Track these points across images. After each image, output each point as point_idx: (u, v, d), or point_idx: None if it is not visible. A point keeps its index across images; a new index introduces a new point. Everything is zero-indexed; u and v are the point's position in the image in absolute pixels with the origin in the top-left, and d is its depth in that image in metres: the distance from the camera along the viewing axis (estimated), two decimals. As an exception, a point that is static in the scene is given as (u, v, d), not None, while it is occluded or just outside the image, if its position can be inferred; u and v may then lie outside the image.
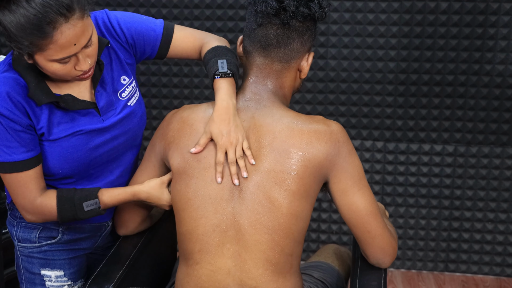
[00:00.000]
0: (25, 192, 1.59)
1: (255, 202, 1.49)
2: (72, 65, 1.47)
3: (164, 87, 3.01)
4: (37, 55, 1.43)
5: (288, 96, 1.63)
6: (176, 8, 2.92)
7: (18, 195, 1.60)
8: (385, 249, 1.59)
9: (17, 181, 1.58)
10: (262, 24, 1.54)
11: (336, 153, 1.52)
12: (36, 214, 1.63)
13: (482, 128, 2.87)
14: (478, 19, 2.75)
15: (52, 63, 1.44)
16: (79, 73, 1.50)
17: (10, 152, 1.54)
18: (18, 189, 1.59)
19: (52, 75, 1.50)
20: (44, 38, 1.39)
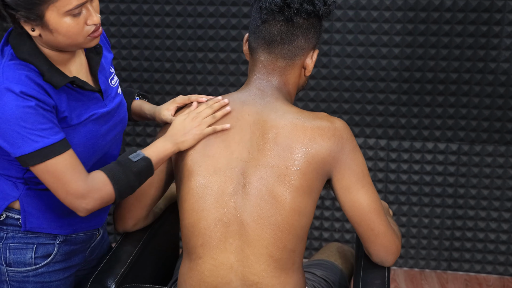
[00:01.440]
0: (75, 174, 1.46)
1: (258, 197, 1.50)
2: (83, 22, 1.44)
3: (167, 84, 3.01)
4: (48, 11, 1.38)
5: (293, 93, 1.63)
6: (179, 5, 2.91)
7: (69, 182, 1.46)
8: (388, 247, 1.58)
9: (64, 166, 1.46)
10: (266, 21, 1.55)
11: (339, 150, 1.52)
12: (92, 195, 1.48)
13: (486, 127, 2.86)
14: (483, 17, 2.74)
15: (65, 19, 1.41)
16: (91, 29, 1.46)
17: (47, 134, 1.43)
18: (68, 174, 1.46)
19: (65, 39, 1.44)
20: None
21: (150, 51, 2.98)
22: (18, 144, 1.42)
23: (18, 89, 1.41)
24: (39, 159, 1.43)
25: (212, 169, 1.53)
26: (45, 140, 1.43)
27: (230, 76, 2.96)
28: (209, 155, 1.53)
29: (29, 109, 1.41)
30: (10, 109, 1.40)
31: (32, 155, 1.43)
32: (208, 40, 2.93)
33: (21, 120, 1.40)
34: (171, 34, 2.94)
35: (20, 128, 1.40)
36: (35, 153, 1.43)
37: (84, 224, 1.66)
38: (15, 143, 1.42)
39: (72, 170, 1.46)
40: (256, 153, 1.51)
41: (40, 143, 1.42)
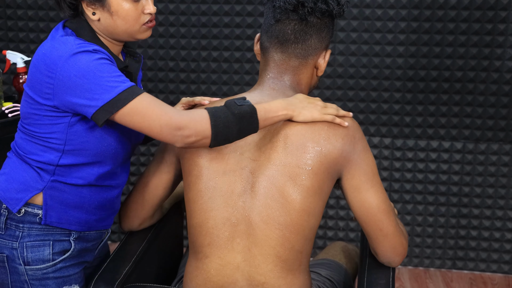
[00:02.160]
0: (165, 107, 1.47)
1: (268, 197, 1.49)
2: (141, 9, 1.54)
3: (171, 83, 3.01)
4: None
5: (305, 93, 1.63)
6: (183, 4, 2.91)
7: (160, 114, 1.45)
8: (396, 248, 1.58)
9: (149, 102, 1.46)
10: (280, 20, 1.55)
11: (351, 150, 1.52)
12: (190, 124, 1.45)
13: (491, 125, 2.85)
14: (487, 15, 2.73)
15: (126, 2, 1.51)
16: (146, 19, 1.55)
17: (123, 80, 1.48)
18: (156, 109, 1.46)
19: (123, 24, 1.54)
20: None
21: (153, 50, 2.98)
22: (98, 94, 1.45)
23: (91, 48, 1.48)
24: (121, 102, 1.45)
25: (221, 170, 1.52)
26: (123, 84, 1.46)
27: (234, 75, 2.96)
28: (218, 156, 1.53)
29: (103, 60, 1.47)
30: (85, 64, 1.45)
31: (116, 100, 1.45)
32: (212, 38, 2.92)
33: (97, 71, 1.45)
34: (175, 32, 2.94)
35: (97, 79, 1.45)
36: (117, 98, 1.45)
37: (98, 223, 1.68)
38: (95, 95, 1.45)
39: (159, 105, 1.47)
40: (267, 153, 1.51)
41: (120, 87, 1.45)
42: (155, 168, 1.70)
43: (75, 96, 1.46)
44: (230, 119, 1.46)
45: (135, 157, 3.13)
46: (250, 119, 1.47)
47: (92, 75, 1.45)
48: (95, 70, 1.45)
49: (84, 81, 1.45)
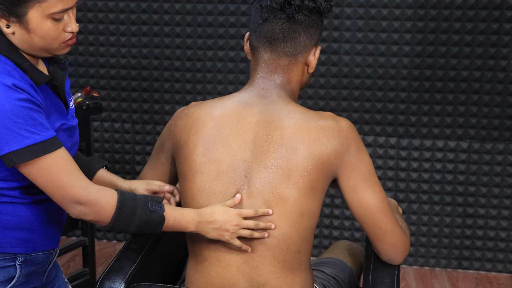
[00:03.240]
0: (74, 178, 1.38)
1: (261, 198, 1.49)
2: (62, 27, 1.40)
3: (177, 82, 3.01)
4: (32, 10, 1.35)
5: (296, 91, 1.62)
6: (178, 3, 2.91)
7: (65, 186, 1.37)
8: (397, 246, 1.57)
9: (60, 164, 1.36)
10: (267, 19, 1.53)
11: (344, 150, 1.51)
12: (91, 205, 1.39)
13: (497, 125, 2.85)
14: (493, 14, 2.72)
15: (46, 21, 1.37)
16: (67, 37, 1.42)
17: (38, 130, 1.34)
18: (64, 175, 1.36)
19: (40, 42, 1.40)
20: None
21: (148, 49, 2.98)
22: (5, 140, 1.33)
23: (10, 82, 1.34)
24: (28, 156, 1.34)
25: (215, 173, 1.51)
26: (36, 136, 1.34)
27: (229, 74, 2.96)
28: (211, 160, 1.52)
29: (22, 102, 1.33)
30: (0, 103, 1.32)
31: (22, 152, 1.33)
32: (206, 38, 2.93)
33: (12, 114, 1.32)
34: (170, 32, 2.94)
35: (10, 123, 1.32)
36: (24, 150, 1.33)
37: (44, 242, 1.55)
38: (2, 140, 1.33)
39: (67, 173, 1.38)
40: (260, 154, 1.50)
41: (30, 139, 1.34)
42: (151, 169, 1.70)
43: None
44: (135, 220, 1.44)
45: (130, 156, 3.14)
46: (154, 227, 1.47)
47: (5, 116, 1.31)
48: (9, 112, 1.32)
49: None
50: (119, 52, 3.02)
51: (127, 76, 3.05)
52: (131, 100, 3.08)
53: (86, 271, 2.63)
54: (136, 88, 3.06)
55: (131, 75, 3.04)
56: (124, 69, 3.04)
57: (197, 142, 1.53)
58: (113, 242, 3.25)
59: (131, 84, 3.06)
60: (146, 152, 3.13)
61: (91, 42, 3.03)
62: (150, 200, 1.47)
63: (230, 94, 1.60)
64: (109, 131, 3.13)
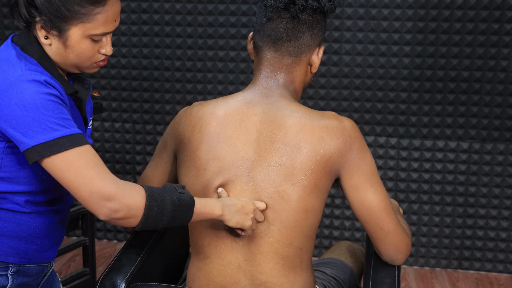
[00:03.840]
0: (102, 172, 1.32)
1: (264, 196, 1.49)
2: (97, 48, 1.43)
3: (177, 82, 3.01)
4: (75, 28, 1.37)
5: (299, 90, 1.63)
6: (178, 3, 2.91)
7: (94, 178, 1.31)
8: (398, 246, 1.58)
9: (86, 160, 1.32)
10: (271, 18, 1.54)
11: (347, 149, 1.51)
12: (122, 198, 1.32)
13: (497, 125, 2.85)
14: (494, 14, 2.72)
15: (85, 41, 1.39)
16: (100, 58, 1.45)
17: (67, 124, 1.33)
18: (91, 170, 1.31)
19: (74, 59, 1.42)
20: (98, 4, 1.36)
21: (149, 49, 2.98)
22: (34, 132, 1.30)
23: (43, 78, 1.34)
24: (56, 148, 1.30)
25: (217, 170, 1.52)
26: (65, 129, 1.32)
27: (229, 74, 2.96)
28: (215, 157, 1.53)
29: (52, 96, 1.33)
30: (30, 95, 1.31)
31: (50, 144, 1.30)
32: (207, 38, 2.93)
33: (41, 107, 1.31)
34: (171, 32, 2.94)
35: (39, 115, 1.30)
36: (53, 142, 1.30)
37: (40, 254, 1.53)
38: (30, 132, 1.30)
39: (96, 166, 1.32)
40: (264, 153, 1.51)
41: (59, 132, 1.31)
42: (154, 168, 1.70)
43: (10, 126, 1.32)
44: (167, 204, 1.38)
45: (131, 156, 3.14)
46: (186, 210, 1.40)
47: (34, 109, 1.31)
48: (39, 105, 1.31)
49: (23, 113, 1.30)
50: (120, 52, 3.02)
51: (127, 76, 3.05)
52: (131, 100, 3.08)
53: (87, 271, 2.63)
54: (137, 88, 3.06)
55: (132, 75, 3.04)
56: (125, 69, 3.04)
57: (201, 140, 1.54)
58: (113, 242, 3.25)
59: (131, 84, 3.06)
60: (146, 152, 3.13)
61: (91, 42, 3.03)
62: (175, 186, 1.42)
63: (233, 94, 1.61)
64: (110, 131, 3.13)
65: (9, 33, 3.05)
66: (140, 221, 1.37)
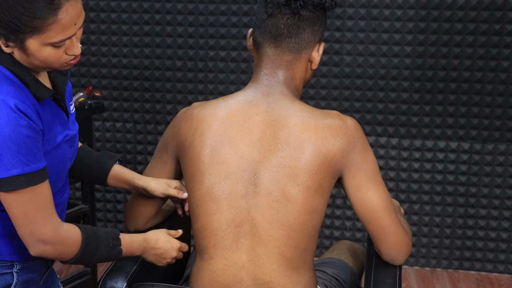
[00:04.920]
0: (48, 216, 1.37)
1: (270, 198, 1.49)
2: (63, 50, 1.35)
3: (178, 82, 3.02)
4: (31, 39, 1.30)
5: (300, 87, 1.62)
6: (180, 3, 2.91)
7: (38, 223, 1.35)
8: (399, 246, 1.58)
9: (40, 201, 1.35)
10: (272, 14, 1.54)
11: (351, 149, 1.51)
12: (57, 245, 1.39)
13: (498, 125, 2.85)
14: (495, 15, 2.72)
15: (46, 48, 1.32)
16: (69, 58, 1.37)
17: (28, 161, 1.32)
18: (40, 213, 1.35)
19: (40, 64, 1.36)
20: (48, 17, 1.27)
21: (151, 48, 2.99)
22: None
23: (13, 103, 1.31)
24: (11, 186, 1.31)
25: (223, 174, 1.51)
26: (25, 167, 1.31)
27: (231, 74, 2.96)
28: (219, 161, 1.52)
29: (21, 128, 1.30)
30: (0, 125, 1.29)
31: (6, 181, 1.31)
32: (208, 38, 2.93)
33: (8, 139, 1.29)
34: (172, 32, 2.95)
35: (4, 149, 1.29)
36: (9, 179, 1.30)
37: None
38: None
39: (44, 211, 1.35)
40: (268, 153, 1.50)
41: (18, 169, 1.30)
42: (155, 169, 1.69)
43: None
44: (96, 257, 1.48)
45: (132, 156, 3.14)
46: (112, 259, 1.54)
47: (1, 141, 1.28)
48: (6, 137, 1.28)
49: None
50: (121, 51, 3.02)
51: (129, 76, 3.05)
52: (132, 99, 3.08)
53: (88, 270, 2.63)
54: (138, 87, 3.06)
55: (133, 74, 3.04)
56: (126, 68, 3.04)
57: (203, 144, 1.53)
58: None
59: (132, 84, 3.06)
60: (147, 152, 3.13)
61: (93, 41, 3.03)
62: (111, 237, 1.50)
63: (234, 93, 1.60)
64: (111, 131, 3.14)
65: None
66: (67, 262, 1.48)
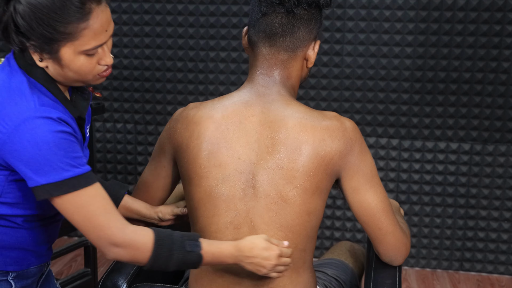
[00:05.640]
0: (111, 218, 1.35)
1: (268, 200, 1.49)
2: (96, 61, 1.38)
3: (179, 83, 3.02)
4: (65, 48, 1.32)
5: (296, 86, 1.61)
6: (180, 4, 2.92)
7: (102, 225, 1.34)
8: (397, 247, 1.58)
9: (99, 203, 1.35)
10: (266, 13, 1.52)
11: (348, 151, 1.51)
12: (128, 247, 1.36)
13: (499, 126, 2.85)
14: (496, 16, 2.72)
15: (79, 57, 1.34)
16: (102, 69, 1.39)
17: (77, 163, 1.32)
18: (102, 215, 1.34)
19: (74, 75, 1.37)
20: (80, 21, 1.29)
21: (151, 49, 2.99)
22: (44, 171, 1.31)
23: (56, 115, 1.33)
24: (66, 189, 1.32)
25: (220, 177, 1.50)
26: (75, 169, 1.32)
27: (231, 75, 2.96)
28: (216, 164, 1.51)
29: (65, 134, 1.32)
30: (43, 133, 1.30)
31: (60, 184, 1.31)
32: (209, 39, 2.93)
33: (54, 145, 1.30)
34: (173, 33, 2.95)
35: (51, 154, 1.30)
36: (63, 182, 1.31)
37: (38, 259, 1.54)
38: (41, 170, 1.30)
39: (105, 212, 1.35)
40: (265, 155, 1.50)
41: (70, 172, 1.32)
42: (153, 172, 1.68)
43: (21, 162, 1.31)
44: (173, 260, 1.40)
45: (132, 156, 3.14)
46: (193, 265, 1.43)
47: (46, 147, 1.29)
48: (51, 143, 1.30)
49: (35, 152, 1.29)
50: (122, 52, 3.03)
51: (129, 77, 3.05)
52: (133, 100, 3.08)
53: (88, 271, 2.63)
54: (139, 88, 3.06)
55: (134, 75, 3.04)
56: (127, 69, 3.04)
57: (200, 146, 1.52)
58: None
59: (133, 85, 3.06)
60: (148, 153, 3.13)
61: (93, 42, 3.03)
62: (187, 239, 1.42)
63: (229, 94, 1.58)
64: (111, 132, 3.14)
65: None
66: (144, 266, 1.41)
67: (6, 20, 1.31)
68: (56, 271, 2.95)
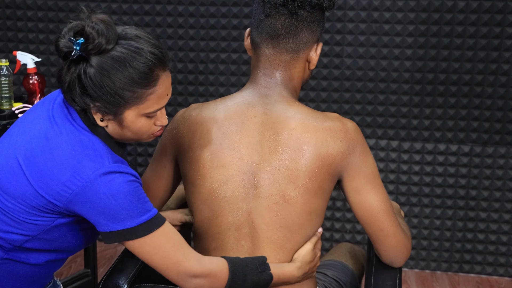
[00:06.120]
0: (187, 252, 1.41)
1: (270, 200, 1.49)
2: (153, 121, 1.43)
3: (179, 84, 3.02)
4: (129, 110, 1.37)
5: (298, 88, 1.61)
6: (180, 5, 2.92)
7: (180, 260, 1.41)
8: (398, 248, 1.58)
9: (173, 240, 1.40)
10: (270, 15, 1.52)
11: (350, 152, 1.51)
12: (207, 277, 1.42)
13: (498, 128, 2.85)
14: (496, 18, 2.73)
15: (141, 119, 1.39)
16: (156, 130, 1.45)
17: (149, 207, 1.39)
18: (178, 251, 1.40)
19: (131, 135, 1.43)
20: (148, 87, 1.35)
21: (162, 51, 2.99)
22: (120, 219, 1.36)
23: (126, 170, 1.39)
24: (142, 232, 1.38)
25: (223, 177, 1.51)
26: (148, 213, 1.38)
27: (231, 76, 2.96)
28: (219, 164, 1.51)
29: (135, 182, 1.38)
30: (118, 185, 1.35)
31: (135, 229, 1.37)
32: (209, 40, 2.93)
33: (129, 195, 1.36)
34: (173, 34, 2.95)
35: (127, 203, 1.36)
36: (139, 227, 1.37)
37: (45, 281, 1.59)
38: (117, 218, 1.36)
39: (180, 247, 1.41)
40: (268, 155, 1.50)
41: (144, 217, 1.37)
42: (154, 172, 1.68)
43: (95, 212, 1.36)
44: (247, 283, 1.46)
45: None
46: (265, 285, 1.49)
47: (122, 197, 1.35)
48: (127, 193, 1.36)
49: (112, 202, 1.35)
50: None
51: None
52: (133, 101, 3.08)
53: (88, 272, 2.63)
54: (139, 89, 3.06)
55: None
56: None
57: (203, 147, 1.53)
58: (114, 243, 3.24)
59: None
60: (148, 154, 3.13)
61: (94, 43, 3.03)
62: (257, 262, 1.48)
63: (231, 94, 1.59)
64: (112, 133, 3.14)
65: (12, 35, 3.05)
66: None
67: (70, 81, 1.35)
68: (56, 272, 2.95)
